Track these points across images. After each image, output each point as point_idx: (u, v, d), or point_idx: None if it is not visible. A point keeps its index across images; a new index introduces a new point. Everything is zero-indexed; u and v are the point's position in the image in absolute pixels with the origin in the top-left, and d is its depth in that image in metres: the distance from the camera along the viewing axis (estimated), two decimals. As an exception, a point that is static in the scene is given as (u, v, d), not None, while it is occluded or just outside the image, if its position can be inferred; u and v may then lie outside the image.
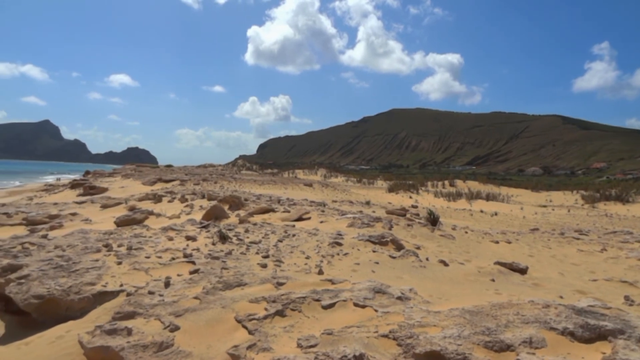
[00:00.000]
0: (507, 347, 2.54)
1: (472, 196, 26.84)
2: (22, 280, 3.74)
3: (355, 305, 3.27)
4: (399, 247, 6.07)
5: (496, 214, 18.19)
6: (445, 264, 5.45)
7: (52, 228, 9.10)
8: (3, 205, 13.36)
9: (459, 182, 40.74)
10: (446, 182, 40.16)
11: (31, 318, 3.56)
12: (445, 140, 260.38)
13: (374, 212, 11.60)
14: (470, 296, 3.86)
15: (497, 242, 8.20)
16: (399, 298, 3.44)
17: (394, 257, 5.43)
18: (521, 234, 10.22)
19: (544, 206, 24.99)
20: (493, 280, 4.87)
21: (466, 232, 9.06)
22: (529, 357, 2.43)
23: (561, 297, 4.20)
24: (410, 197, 27.04)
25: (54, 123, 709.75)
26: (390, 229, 7.70)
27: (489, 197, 26.61)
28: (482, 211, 19.31)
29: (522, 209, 22.02)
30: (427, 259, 5.60)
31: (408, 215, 10.40)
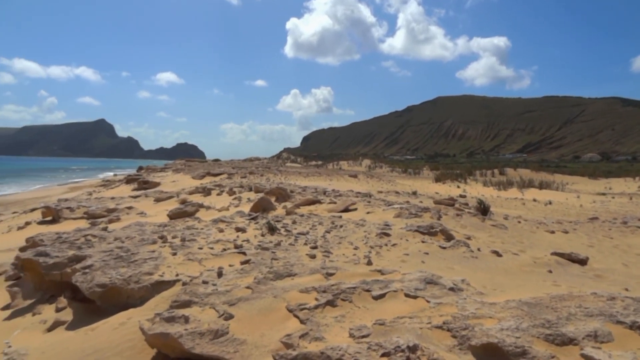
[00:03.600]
0: (570, 341, 2.42)
1: (524, 184, 25.82)
2: (87, 270, 3.96)
3: (407, 295, 3.22)
4: (449, 237, 5.93)
5: (550, 202, 17.42)
6: (498, 255, 5.28)
7: (110, 221, 9.58)
8: (66, 200, 14.19)
9: (509, 171, 39.29)
10: (495, 171, 38.84)
11: (96, 305, 3.77)
12: (494, 128, 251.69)
13: (421, 202, 11.41)
14: (527, 287, 3.72)
15: (552, 232, 7.85)
16: (451, 289, 3.36)
17: (444, 248, 5.32)
18: (579, 223, 9.74)
19: (603, 194, 23.67)
20: (550, 271, 4.67)
21: (519, 222, 8.73)
22: (594, 351, 2.31)
23: (627, 290, 3.97)
24: (458, 187, 26.38)
25: (108, 121, 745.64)
26: (438, 219, 7.54)
27: (542, 186, 25.50)
28: (534, 200, 18.55)
29: (579, 198, 20.96)
30: (478, 250, 5.45)
31: (457, 205, 10.15)
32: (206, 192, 13.69)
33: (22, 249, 5.21)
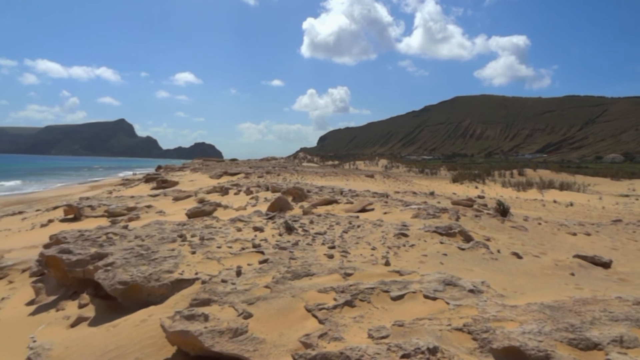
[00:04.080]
0: (595, 346, 2.37)
1: (544, 185, 25.39)
2: (109, 268, 4.03)
3: (426, 297, 3.20)
4: (468, 238, 5.87)
5: (571, 204, 17.09)
6: (519, 257, 5.20)
7: (130, 219, 9.74)
8: (87, 198, 14.47)
9: (528, 171, 38.66)
10: (515, 171, 38.25)
11: (117, 302, 3.83)
12: (513, 128, 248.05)
13: (438, 202, 11.31)
14: (549, 291, 3.65)
15: (574, 234, 7.70)
16: (470, 291, 3.32)
17: (462, 249, 5.26)
18: (601, 225, 9.53)
19: (626, 195, 23.13)
20: (573, 274, 4.57)
21: (539, 224, 8.59)
22: (620, 357, 2.25)
23: (653, 294, 3.86)
24: (476, 187, 26.08)
25: (128, 121, 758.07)
26: (457, 220, 7.46)
27: (562, 187, 25.04)
28: (555, 201, 18.22)
29: (601, 199, 20.52)
30: (498, 251, 5.37)
31: (475, 206, 10.03)
32: (224, 191, 13.81)
33: (46, 246, 5.32)
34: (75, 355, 2.98)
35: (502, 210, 8.85)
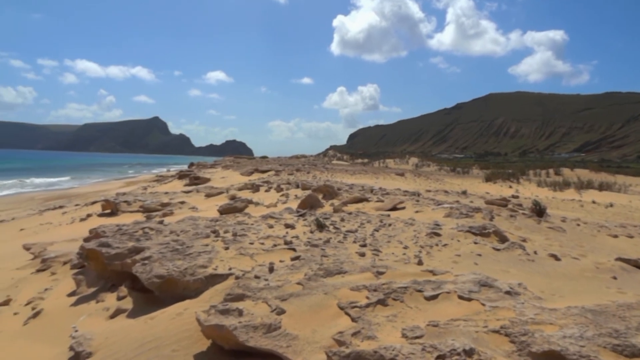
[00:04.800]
0: (641, 353, 2.28)
1: (582, 185, 24.51)
2: (146, 262, 4.14)
3: (460, 297, 3.14)
4: (503, 239, 5.73)
5: (612, 205, 16.43)
6: (557, 259, 5.04)
7: (164, 215, 9.97)
8: (123, 194, 14.90)
9: (565, 171, 37.39)
10: (551, 171, 37.06)
11: (154, 295, 3.94)
12: (549, 126, 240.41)
13: (471, 202, 11.09)
14: (589, 294, 3.52)
15: (615, 236, 7.40)
16: (507, 292, 3.24)
17: (497, 250, 5.14)
18: (645, 227, 9.12)
19: (671, 197, 22.04)
20: (615, 277, 4.39)
21: (578, 225, 8.30)
22: (669, 365, 2.15)
23: (702, 300, 3.67)
24: (510, 187, 25.43)
25: (162, 119, 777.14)
26: (491, 219, 7.30)
27: (602, 187, 24.11)
28: (594, 202, 17.55)
29: (644, 200, 19.64)
30: (535, 253, 5.22)
31: (510, 206, 9.78)
32: (254, 188, 13.96)
33: (86, 240, 5.53)
34: (115, 346, 3.08)
35: (539, 211, 8.60)
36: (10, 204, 23.52)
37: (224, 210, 8.86)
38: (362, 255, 4.53)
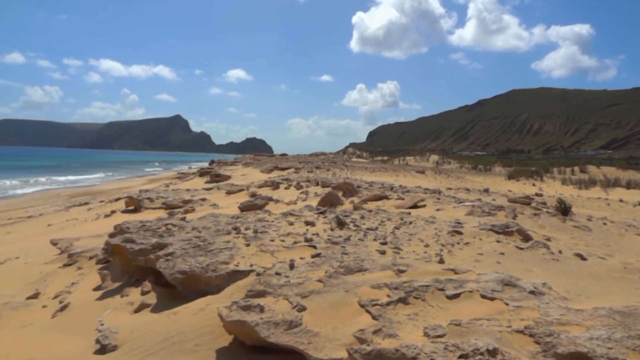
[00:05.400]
0: (672, 356, 2.21)
1: (609, 184, 23.85)
2: (169, 257, 4.21)
3: (483, 297, 3.10)
4: (526, 237, 5.63)
5: (640, 203, 15.95)
6: (583, 258, 4.92)
7: (186, 212, 10.11)
8: (146, 191, 15.17)
9: (591, 168, 36.41)
10: (576, 168, 36.13)
11: (176, 290, 4.01)
12: (574, 122, 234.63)
13: (493, 200, 10.92)
14: (617, 295, 3.43)
15: (644, 236, 7.18)
16: (531, 292, 3.18)
17: (521, 248, 5.05)
18: (675, 227, 8.83)
19: None
20: (644, 278, 4.27)
21: (604, 224, 8.08)
22: (702, 369, 2.09)
23: None
24: (534, 185, 24.94)
25: (183, 117, 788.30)
26: (514, 218, 7.18)
27: (630, 185, 23.41)
28: (621, 200, 17.07)
29: (675, 199, 19.00)
30: (560, 252, 5.11)
31: (533, 204, 9.59)
32: (274, 185, 14.03)
33: (111, 235, 5.65)
34: (140, 340, 3.15)
35: (563, 209, 8.41)
36: (38, 201, 24.21)
37: (244, 208, 8.93)
38: (383, 253, 4.51)
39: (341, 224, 5.87)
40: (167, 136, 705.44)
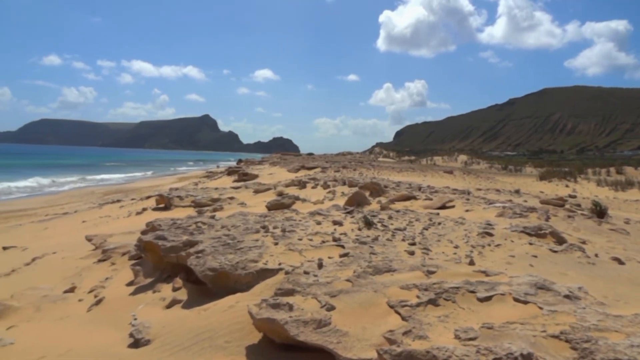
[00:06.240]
0: None
1: (647, 185, 22.94)
2: (199, 255, 4.29)
3: (516, 300, 3.03)
4: (560, 240, 5.47)
5: (681, 206, 15.28)
6: (620, 262, 4.75)
7: (215, 210, 10.26)
8: (176, 189, 15.48)
9: (628, 169, 35.06)
10: (611, 169, 34.89)
11: (207, 287, 4.07)
12: (610, 122, 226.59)
13: (525, 201, 10.66)
14: (659, 301, 3.30)
15: (687, 240, 6.87)
16: (566, 296, 3.09)
17: (555, 251, 4.91)
18: None
19: None
20: (687, 284, 4.09)
21: (643, 227, 7.78)
22: None
23: None
24: (567, 186, 24.24)
25: (212, 117, 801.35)
26: (547, 220, 6.98)
27: (670, 187, 22.45)
28: (661, 203, 16.41)
29: None
30: (596, 255, 4.94)
31: (567, 206, 9.32)
32: (301, 185, 14.08)
33: (143, 232, 5.79)
34: (172, 335, 3.22)
35: (599, 211, 8.14)
36: (73, 198, 25.06)
37: (272, 206, 9.00)
38: (412, 253, 4.47)
39: (369, 224, 5.84)
40: (196, 135, 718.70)
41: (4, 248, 9.13)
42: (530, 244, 5.17)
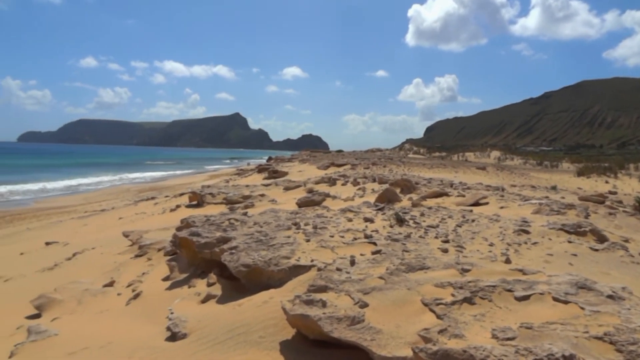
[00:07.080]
0: None
1: (695, 181, 21.81)
2: (233, 251, 4.35)
3: (555, 299, 2.94)
4: (601, 238, 5.27)
5: None
6: (667, 262, 4.54)
7: (246, 207, 10.38)
8: (208, 186, 15.76)
9: (673, 164, 33.48)
10: (655, 164, 33.38)
11: (240, 283, 4.13)
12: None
13: (562, 198, 10.31)
14: None
15: None
16: (609, 297, 2.97)
17: (595, 250, 4.74)
18: None
19: None
20: None
21: (691, 225, 7.40)
22: None
23: None
24: (607, 182, 23.34)
25: (242, 115, 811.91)
26: (586, 217, 6.75)
27: None
28: None
29: None
30: (640, 254, 4.75)
31: (608, 203, 8.96)
32: (331, 182, 14.07)
33: (178, 229, 5.92)
34: (207, 329, 3.28)
35: (643, 208, 7.80)
36: (110, 195, 25.91)
37: (302, 204, 9.04)
38: (445, 251, 4.40)
39: (400, 221, 5.79)
40: (227, 134, 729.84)
41: (47, 243, 9.54)
42: (570, 242, 5.00)
